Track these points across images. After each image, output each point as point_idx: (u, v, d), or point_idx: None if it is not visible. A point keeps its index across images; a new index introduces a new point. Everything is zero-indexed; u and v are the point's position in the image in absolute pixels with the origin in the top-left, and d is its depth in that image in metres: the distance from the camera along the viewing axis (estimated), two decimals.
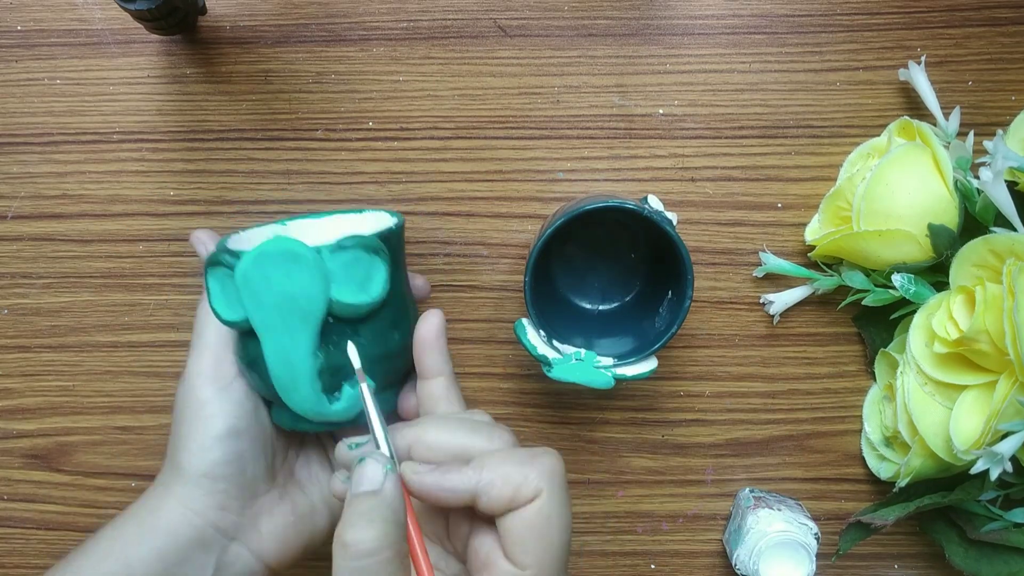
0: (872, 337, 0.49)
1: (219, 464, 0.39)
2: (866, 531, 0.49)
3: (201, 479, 0.39)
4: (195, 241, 0.44)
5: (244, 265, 0.36)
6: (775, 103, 0.48)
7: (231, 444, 0.39)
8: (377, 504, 0.32)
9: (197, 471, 0.39)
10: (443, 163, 0.49)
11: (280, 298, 0.36)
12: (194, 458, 0.39)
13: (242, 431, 0.40)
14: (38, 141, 0.49)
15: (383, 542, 0.31)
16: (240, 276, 0.36)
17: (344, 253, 0.37)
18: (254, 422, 0.40)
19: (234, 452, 0.39)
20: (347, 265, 0.37)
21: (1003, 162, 0.41)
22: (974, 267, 0.43)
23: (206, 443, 0.39)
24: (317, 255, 0.36)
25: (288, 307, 0.36)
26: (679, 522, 0.52)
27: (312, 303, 0.36)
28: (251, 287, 0.36)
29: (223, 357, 0.40)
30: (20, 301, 0.50)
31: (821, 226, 0.48)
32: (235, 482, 0.39)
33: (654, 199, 0.46)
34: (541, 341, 0.44)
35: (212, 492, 0.39)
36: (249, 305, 0.36)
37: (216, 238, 0.44)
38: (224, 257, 0.37)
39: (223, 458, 0.39)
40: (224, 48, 0.48)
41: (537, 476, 0.33)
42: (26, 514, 0.52)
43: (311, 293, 0.36)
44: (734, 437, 0.51)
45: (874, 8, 0.48)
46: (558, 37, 0.48)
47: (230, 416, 0.39)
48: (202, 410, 0.39)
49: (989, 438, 0.42)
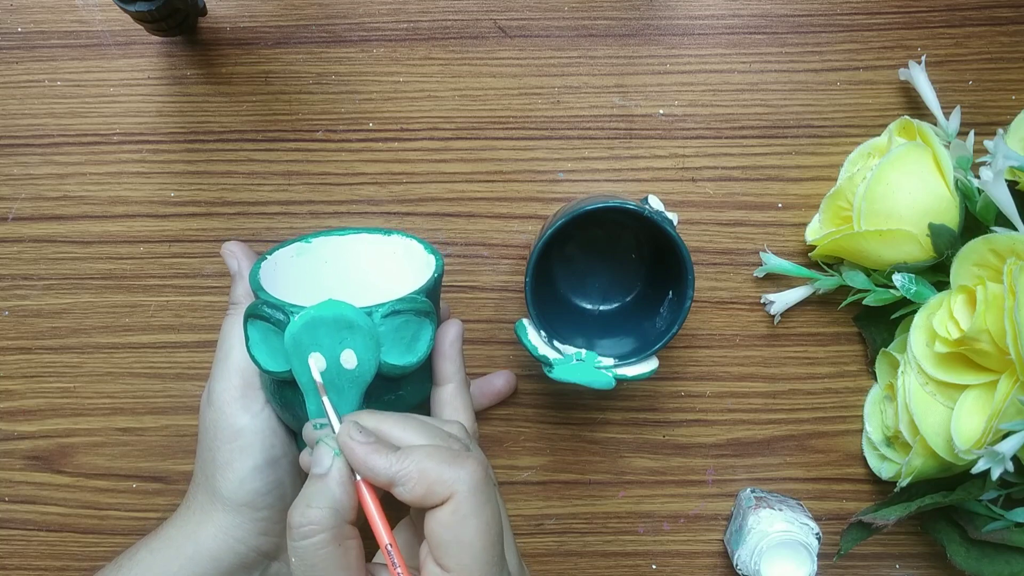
0: (873, 337, 0.49)
1: (260, 494, 0.39)
2: (867, 531, 0.49)
3: (242, 508, 0.39)
4: (226, 254, 0.43)
5: (294, 329, 0.35)
6: (775, 103, 0.48)
7: (271, 473, 0.39)
8: (321, 488, 0.33)
9: (238, 501, 0.39)
10: (443, 164, 0.49)
11: (330, 363, 0.35)
12: (234, 488, 0.39)
13: (279, 459, 0.40)
14: (39, 143, 0.49)
15: (322, 525, 0.32)
16: (289, 338, 0.35)
17: (396, 318, 0.36)
18: (290, 448, 0.41)
19: (274, 481, 0.39)
20: (397, 328, 0.36)
21: (1004, 161, 0.41)
22: (975, 266, 0.43)
23: (245, 474, 0.39)
24: (370, 321, 0.36)
25: (338, 372, 0.36)
26: (680, 522, 0.52)
27: (363, 368, 0.36)
28: (300, 350, 0.35)
29: (252, 382, 0.40)
30: (21, 303, 0.50)
31: (822, 226, 0.48)
32: (276, 508, 0.40)
33: (655, 199, 0.46)
34: (542, 341, 0.44)
35: (254, 520, 0.39)
36: (297, 366, 0.36)
37: (249, 252, 0.43)
38: (268, 312, 0.36)
39: (264, 488, 0.39)
40: (224, 49, 0.48)
41: (453, 479, 0.32)
42: (27, 515, 0.52)
43: (362, 359, 0.36)
44: (735, 437, 0.51)
45: (874, 8, 0.48)
46: (558, 38, 0.48)
47: (267, 445, 0.39)
48: (238, 439, 0.39)
49: (990, 438, 0.42)
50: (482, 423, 0.51)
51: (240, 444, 0.39)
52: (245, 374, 0.40)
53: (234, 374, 0.40)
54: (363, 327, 0.35)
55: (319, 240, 0.44)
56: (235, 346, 0.40)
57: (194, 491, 0.40)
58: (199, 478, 0.40)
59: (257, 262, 0.41)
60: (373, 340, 0.36)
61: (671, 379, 0.51)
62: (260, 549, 0.39)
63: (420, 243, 0.43)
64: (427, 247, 0.43)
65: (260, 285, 0.39)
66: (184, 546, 0.39)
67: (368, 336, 0.36)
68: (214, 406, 0.40)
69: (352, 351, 0.35)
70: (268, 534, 0.40)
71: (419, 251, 0.43)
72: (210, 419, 0.40)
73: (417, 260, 0.43)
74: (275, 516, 0.40)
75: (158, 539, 0.40)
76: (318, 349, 0.35)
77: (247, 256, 0.42)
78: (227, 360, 0.40)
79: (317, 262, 0.44)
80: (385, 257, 0.44)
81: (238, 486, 0.39)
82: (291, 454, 0.40)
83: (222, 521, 0.39)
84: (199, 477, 0.40)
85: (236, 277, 0.42)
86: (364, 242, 0.44)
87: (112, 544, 0.51)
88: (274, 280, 0.40)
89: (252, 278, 0.39)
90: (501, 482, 0.51)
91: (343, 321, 0.35)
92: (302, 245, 0.43)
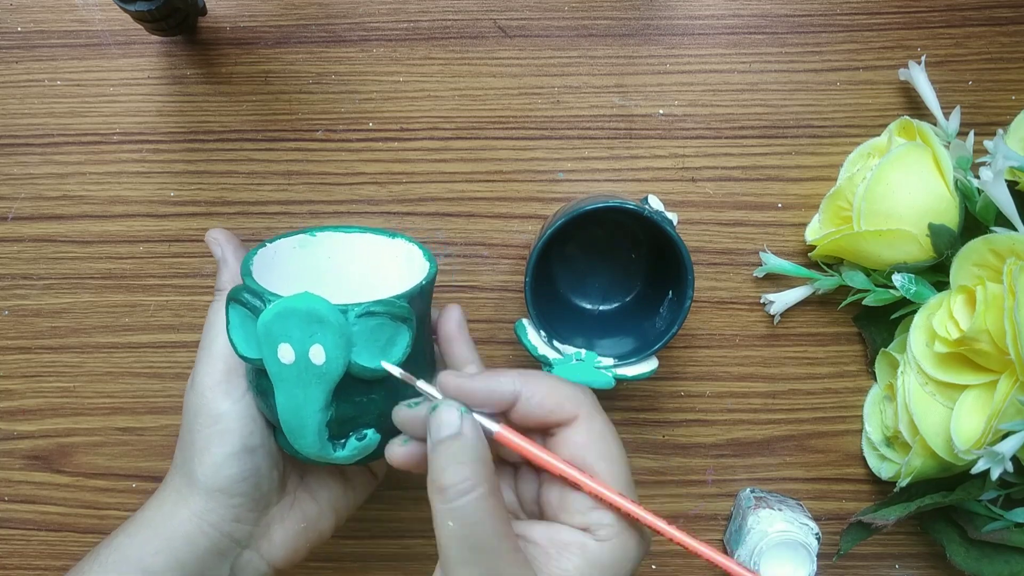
0: (873, 337, 0.49)
1: (235, 481, 0.39)
2: (867, 531, 0.49)
3: (217, 493, 0.39)
4: (210, 241, 0.43)
5: (266, 317, 0.35)
6: (775, 103, 0.48)
7: (247, 460, 0.39)
8: (461, 446, 0.33)
9: (213, 486, 0.39)
10: (443, 164, 0.49)
11: (298, 356, 0.35)
12: (210, 473, 0.39)
13: (257, 447, 0.40)
14: (39, 142, 0.49)
15: (477, 479, 0.32)
16: (261, 326, 0.35)
17: (371, 319, 0.36)
18: (268, 438, 0.40)
19: (250, 468, 0.39)
20: (371, 330, 0.36)
21: (1003, 161, 0.41)
22: (975, 267, 0.43)
23: (222, 459, 0.39)
24: (343, 318, 0.35)
25: (305, 365, 0.35)
26: (680, 522, 0.52)
27: (330, 365, 0.35)
28: (271, 339, 0.35)
29: (235, 369, 0.40)
30: (21, 302, 0.50)
31: (821, 226, 0.48)
32: (250, 496, 0.40)
33: (654, 199, 0.46)
34: (542, 341, 0.44)
35: (228, 506, 0.39)
36: (267, 354, 0.36)
37: (233, 238, 0.43)
38: (246, 297, 0.36)
39: (239, 475, 0.39)
40: (224, 49, 0.48)
41: (578, 395, 0.35)
42: (27, 515, 0.52)
43: (331, 356, 0.35)
44: (735, 437, 0.51)
45: (874, 8, 0.48)
46: (558, 37, 0.48)
47: (245, 432, 0.39)
48: (217, 423, 0.39)
49: (990, 438, 0.42)
50: None
51: (219, 429, 0.39)
52: (228, 360, 0.40)
53: (218, 359, 0.40)
54: (333, 324, 0.35)
55: (323, 235, 0.44)
56: (220, 332, 0.40)
57: (172, 473, 0.40)
58: (178, 460, 0.40)
59: (254, 249, 0.41)
60: (343, 338, 0.35)
61: (671, 379, 0.51)
62: (232, 536, 0.39)
63: (420, 249, 0.43)
64: (425, 254, 0.42)
65: (249, 271, 0.39)
66: (161, 527, 0.39)
67: (338, 333, 0.35)
68: (196, 390, 0.40)
69: (321, 347, 0.35)
70: (241, 521, 0.39)
71: (417, 256, 0.43)
72: (192, 403, 0.40)
73: (416, 266, 0.43)
74: (248, 504, 0.39)
75: (135, 523, 0.40)
76: (288, 340, 0.35)
77: (231, 243, 0.42)
78: (212, 346, 0.40)
79: (318, 256, 0.44)
80: (386, 259, 0.44)
81: (214, 471, 0.39)
82: (269, 444, 0.40)
83: (197, 505, 0.39)
84: (178, 459, 0.40)
85: (221, 264, 0.42)
86: (367, 242, 0.44)
87: None
88: (271, 268, 0.40)
89: (244, 263, 0.39)
90: None
91: (314, 315, 0.35)
92: (306, 238, 0.43)
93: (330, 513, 0.43)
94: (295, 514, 0.42)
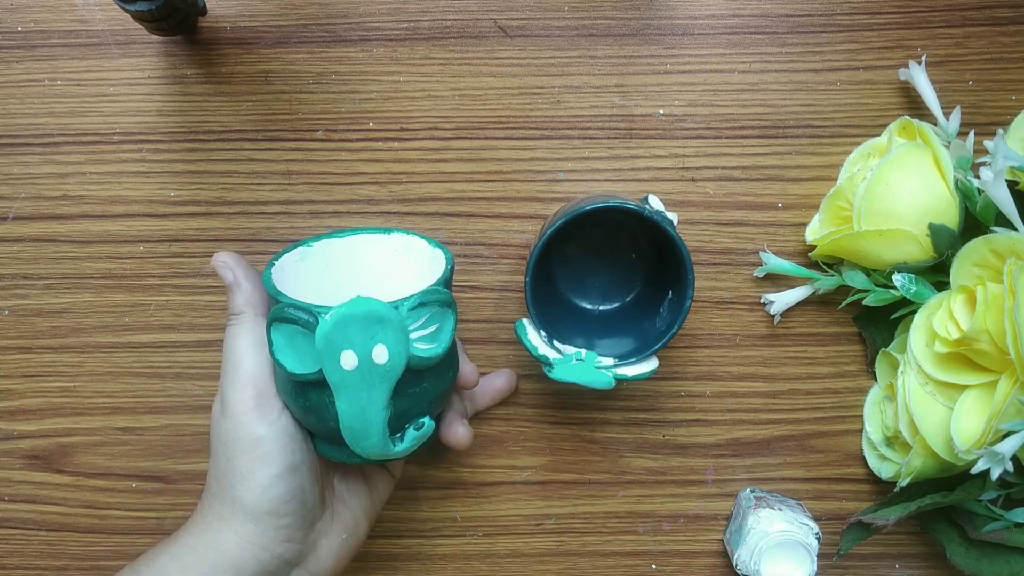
0: (873, 337, 0.49)
1: (283, 501, 0.39)
2: (867, 531, 0.49)
3: (266, 516, 0.39)
4: (219, 266, 0.42)
5: (325, 328, 0.35)
6: (775, 103, 0.48)
7: (292, 479, 0.39)
8: None
9: (261, 509, 0.39)
10: (443, 164, 0.49)
11: (361, 360, 0.36)
12: (257, 496, 0.39)
13: (299, 464, 0.40)
14: (39, 142, 0.49)
15: None
16: (321, 338, 0.36)
17: (422, 310, 0.37)
18: (308, 454, 0.41)
19: (296, 487, 0.39)
20: (422, 320, 0.37)
21: (1004, 161, 0.41)
22: (975, 267, 0.43)
23: (269, 481, 0.39)
24: (398, 314, 0.36)
25: (368, 367, 0.36)
26: (680, 522, 0.52)
27: (393, 362, 0.36)
28: (332, 348, 0.36)
29: (267, 390, 0.40)
30: (21, 302, 0.50)
31: (822, 226, 0.48)
32: (298, 514, 0.40)
33: (655, 199, 0.45)
34: (542, 341, 0.44)
35: (277, 527, 0.39)
36: (328, 365, 0.36)
37: (242, 261, 0.43)
38: (295, 315, 0.36)
39: (287, 494, 0.39)
40: (224, 49, 0.48)
41: None
42: (27, 515, 0.52)
43: (393, 353, 0.36)
44: (735, 437, 0.51)
45: (874, 8, 0.48)
46: (558, 37, 0.48)
47: (287, 451, 0.39)
48: (257, 448, 0.39)
49: (990, 438, 0.42)
50: (482, 423, 0.51)
51: (259, 453, 0.39)
52: (258, 383, 0.40)
53: (247, 384, 0.40)
54: (393, 321, 0.36)
55: (320, 244, 0.44)
56: (244, 356, 0.40)
57: (209, 501, 0.40)
58: (214, 488, 0.40)
59: (267, 268, 0.41)
60: (403, 333, 0.36)
61: (671, 379, 0.51)
62: (283, 556, 0.40)
63: (422, 238, 0.44)
64: (431, 241, 0.44)
65: (278, 290, 0.39)
66: (206, 553, 0.39)
67: (398, 329, 0.36)
68: (229, 417, 0.39)
69: (384, 346, 0.36)
70: (291, 540, 0.40)
71: (421, 246, 0.44)
72: (226, 430, 0.40)
73: (418, 255, 0.44)
74: (297, 523, 0.40)
75: (177, 545, 0.40)
76: (350, 346, 0.36)
77: (241, 266, 0.42)
78: (237, 371, 0.40)
79: (320, 265, 0.44)
80: (387, 255, 0.45)
81: (260, 494, 0.39)
82: (310, 459, 0.41)
83: (243, 529, 0.39)
84: (214, 488, 0.40)
85: (232, 287, 0.42)
86: (365, 242, 0.45)
87: (112, 544, 0.51)
88: (281, 286, 0.40)
89: (267, 284, 0.39)
90: (501, 482, 0.51)
91: (373, 316, 0.36)
92: (304, 250, 0.43)
93: (363, 519, 0.44)
94: (337, 526, 0.42)
